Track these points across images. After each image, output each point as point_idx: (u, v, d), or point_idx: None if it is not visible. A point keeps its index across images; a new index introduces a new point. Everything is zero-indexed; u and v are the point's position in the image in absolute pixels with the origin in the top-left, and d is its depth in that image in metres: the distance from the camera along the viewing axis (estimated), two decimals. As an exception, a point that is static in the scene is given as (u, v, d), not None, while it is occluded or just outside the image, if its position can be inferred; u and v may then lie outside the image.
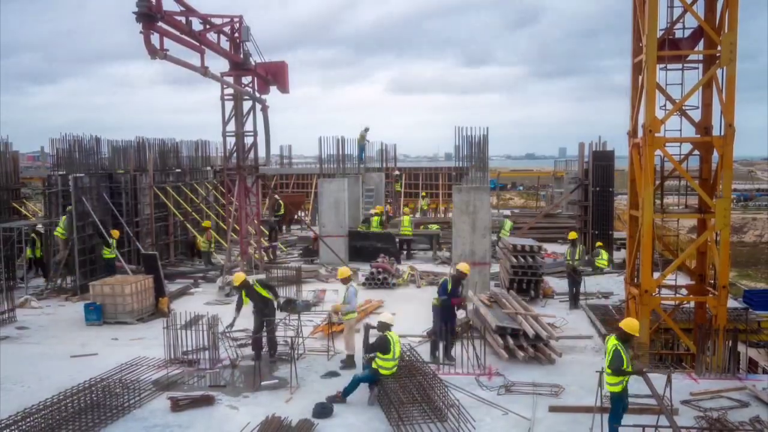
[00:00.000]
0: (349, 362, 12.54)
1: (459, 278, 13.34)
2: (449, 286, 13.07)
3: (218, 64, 19.29)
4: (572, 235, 18.46)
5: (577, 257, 17.60)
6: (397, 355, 10.83)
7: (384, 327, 10.88)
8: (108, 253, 19.60)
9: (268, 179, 37.44)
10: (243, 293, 13.08)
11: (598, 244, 23.19)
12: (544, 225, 29.90)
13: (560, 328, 14.97)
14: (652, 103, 13.25)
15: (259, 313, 12.95)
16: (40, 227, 22.27)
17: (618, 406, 9.15)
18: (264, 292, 12.99)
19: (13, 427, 9.52)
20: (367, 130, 31.59)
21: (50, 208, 21.09)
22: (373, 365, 10.76)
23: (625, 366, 8.92)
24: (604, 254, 22.39)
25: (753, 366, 17.06)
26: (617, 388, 9.05)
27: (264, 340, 12.91)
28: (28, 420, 9.78)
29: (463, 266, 13.59)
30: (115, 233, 19.95)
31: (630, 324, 9.31)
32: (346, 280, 12.94)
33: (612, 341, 9.14)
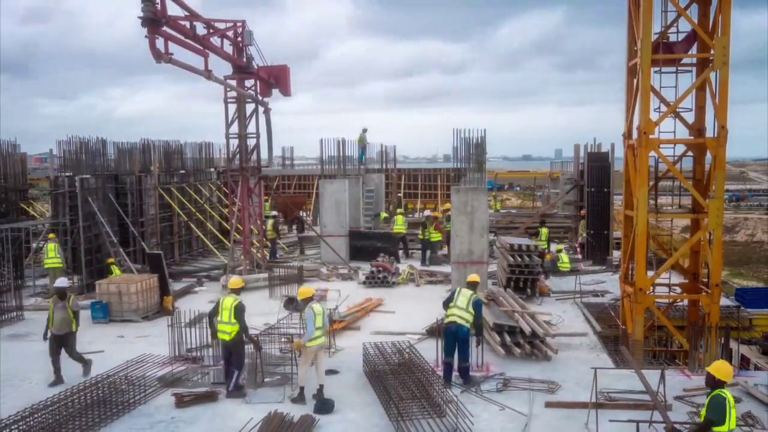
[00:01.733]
0: (299, 399, 10.62)
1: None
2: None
3: (222, 68, 19.30)
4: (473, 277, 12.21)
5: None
6: None
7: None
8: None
9: (271, 180, 37.46)
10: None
11: (558, 248, 23.10)
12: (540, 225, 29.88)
13: (556, 325, 14.95)
14: (647, 106, 13.27)
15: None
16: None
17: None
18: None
19: (20, 423, 9.50)
20: (365, 130, 31.48)
21: (57, 208, 21.08)
22: None
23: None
24: (565, 257, 22.15)
25: (745, 363, 17.07)
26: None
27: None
28: (36, 416, 9.76)
29: (473, 277, 12.19)
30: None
31: None
32: (306, 300, 10.94)
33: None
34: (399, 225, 24.91)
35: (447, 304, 11.62)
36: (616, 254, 23.80)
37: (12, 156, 23.04)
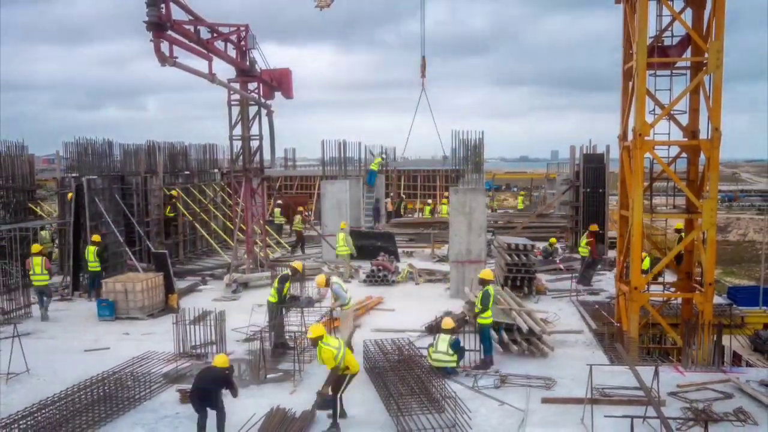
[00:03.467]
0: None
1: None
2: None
3: (225, 71, 19.28)
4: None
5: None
6: None
7: None
8: None
9: (273, 181, 37.47)
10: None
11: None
12: (536, 225, 29.90)
13: (552, 323, 14.95)
14: (642, 108, 13.26)
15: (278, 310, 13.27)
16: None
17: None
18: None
19: (29, 418, 9.51)
20: (383, 157, 32.67)
21: (63, 208, 21.08)
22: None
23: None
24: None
25: (737, 359, 17.08)
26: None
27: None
28: (44, 411, 9.78)
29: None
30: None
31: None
32: (327, 284, 13.30)
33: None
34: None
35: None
36: (611, 253, 23.81)
37: (20, 157, 23.04)
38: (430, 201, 36.55)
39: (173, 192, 23.54)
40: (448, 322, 11.98)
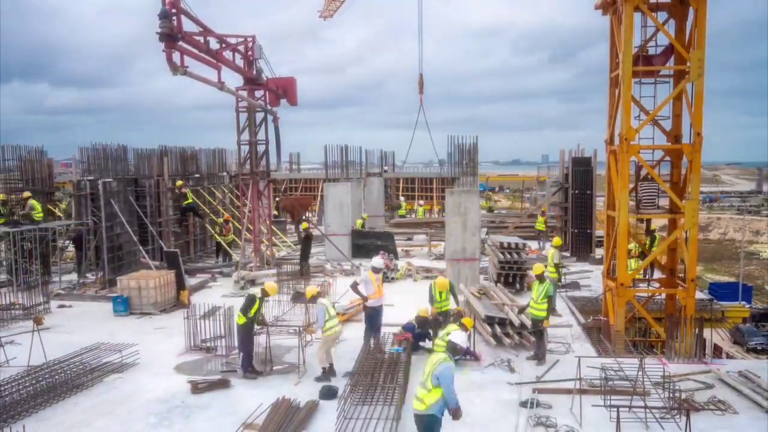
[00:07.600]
0: (323, 378, 11.02)
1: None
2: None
3: (233, 80, 19.27)
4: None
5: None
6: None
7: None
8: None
9: (279, 183, 37.46)
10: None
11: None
12: (528, 224, 29.91)
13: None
14: (628, 114, 13.28)
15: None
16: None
17: None
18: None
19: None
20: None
21: (79, 209, 21.06)
22: None
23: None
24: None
25: (717, 351, 17.10)
26: None
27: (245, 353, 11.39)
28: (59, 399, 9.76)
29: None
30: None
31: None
32: (314, 298, 11.53)
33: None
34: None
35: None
36: (599, 251, 23.82)
37: (39, 161, 23.05)
38: (402, 199, 36.67)
39: (178, 182, 23.34)
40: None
